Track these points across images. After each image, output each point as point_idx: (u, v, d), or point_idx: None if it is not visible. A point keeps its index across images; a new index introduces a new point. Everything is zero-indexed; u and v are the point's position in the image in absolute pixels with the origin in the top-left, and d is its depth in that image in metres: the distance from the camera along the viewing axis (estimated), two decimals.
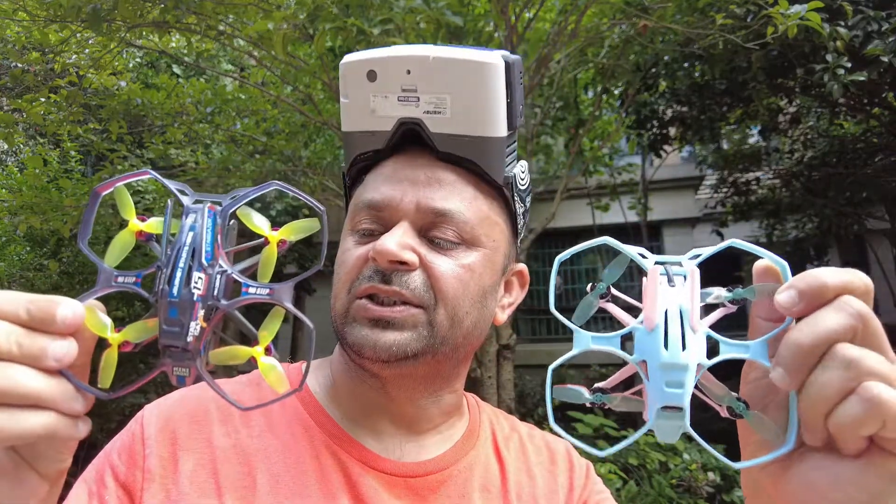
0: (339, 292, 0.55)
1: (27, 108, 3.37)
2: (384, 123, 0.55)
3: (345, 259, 0.55)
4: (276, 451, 0.53)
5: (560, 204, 4.65)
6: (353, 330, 0.52)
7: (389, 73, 0.53)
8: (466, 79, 0.52)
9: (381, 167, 0.57)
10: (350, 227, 0.57)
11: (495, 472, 0.61)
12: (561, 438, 0.70)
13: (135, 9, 2.68)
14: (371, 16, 2.48)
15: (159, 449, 0.52)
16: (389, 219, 0.54)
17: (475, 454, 0.61)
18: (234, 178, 4.58)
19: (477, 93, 0.52)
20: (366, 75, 0.53)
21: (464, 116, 0.53)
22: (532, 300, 9.92)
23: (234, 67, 5.68)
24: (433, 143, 0.54)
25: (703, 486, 3.13)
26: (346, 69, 0.55)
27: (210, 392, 0.56)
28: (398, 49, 0.53)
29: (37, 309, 0.35)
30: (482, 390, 3.45)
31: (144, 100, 3.87)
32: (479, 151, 0.54)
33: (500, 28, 3.43)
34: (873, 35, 3.29)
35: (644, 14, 3.50)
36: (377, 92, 0.54)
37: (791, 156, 6.70)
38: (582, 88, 6.14)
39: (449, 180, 0.55)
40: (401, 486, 0.55)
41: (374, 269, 0.52)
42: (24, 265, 5.84)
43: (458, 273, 0.53)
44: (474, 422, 0.65)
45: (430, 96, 0.53)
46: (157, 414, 0.55)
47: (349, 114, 0.56)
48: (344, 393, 0.59)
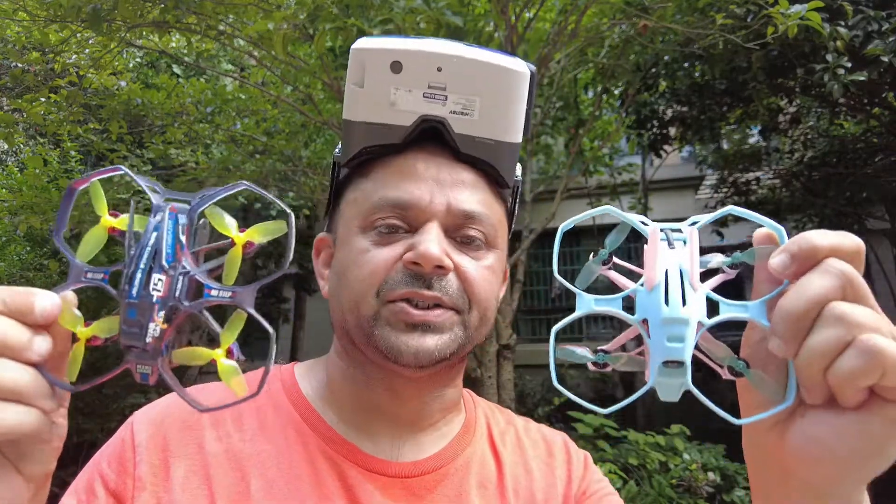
0: (363, 294, 0.51)
1: (27, 108, 3.37)
2: (403, 118, 0.52)
3: (365, 259, 0.52)
4: (269, 456, 0.52)
5: (560, 204, 4.65)
6: (388, 334, 0.50)
7: (418, 67, 0.51)
8: (498, 84, 0.52)
9: (393, 161, 0.55)
10: (362, 224, 0.54)
11: (492, 467, 0.61)
12: (558, 431, 0.71)
13: (135, 9, 2.68)
14: (371, 16, 2.48)
15: (150, 456, 0.51)
16: (415, 218, 0.52)
17: (471, 451, 0.61)
18: (235, 178, 4.59)
19: (506, 99, 0.52)
20: (389, 66, 0.51)
21: (490, 120, 0.53)
22: (532, 300, 9.92)
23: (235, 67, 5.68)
24: (455, 143, 0.53)
25: (703, 486, 3.13)
26: (366, 56, 0.51)
27: (203, 395, 0.55)
28: (428, 43, 0.51)
29: (13, 300, 0.34)
30: (482, 390, 3.45)
31: (144, 100, 3.87)
32: (497, 155, 0.55)
33: (500, 28, 3.43)
34: (873, 35, 3.29)
35: (644, 14, 3.50)
36: (400, 85, 0.51)
37: (791, 156, 6.70)
38: (582, 88, 6.14)
39: (470, 181, 0.55)
40: (397, 487, 0.54)
41: (412, 273, 0.50)
42: (24, 265, 5.84)
43: (485, 275, 0.54)
44: (470, 417, 0.65)
45: (458, 96, 0.52)
46: (147, 420, 0.54)
47: (361, 103, 0.53)
48: (342, 395, 0.58)
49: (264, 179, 4.76)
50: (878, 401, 0.33)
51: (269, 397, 0.57)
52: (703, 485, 3.13)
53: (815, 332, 0.33)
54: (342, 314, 0.54)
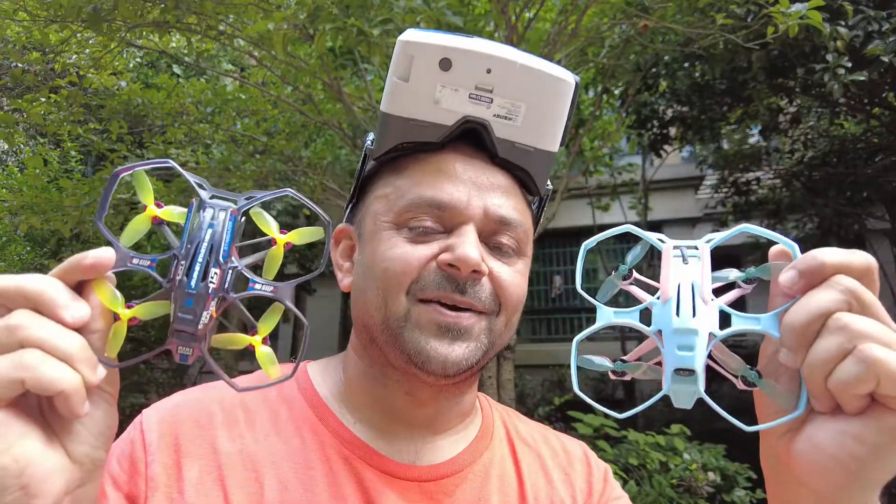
0: (393, 291, 0.50)
1: (27, 108, 3.37)
2: (446, 117, 0.51)
3: (397, 255, 0.51)
4: (283, 456, 0.51)
5: (560, 204, 4.65)
6: (418, 337, 0.49)
7: (468, 66, 0.50)
8: (545, 92, 0.52)
9: (430, 159, 0.54)
10: (395, 220, 0.52)
11: (511, 473, 0.60)
12: (577, 440, 0.70)
13: (135, 9, 2.68)
14: (371, 16, 2.48)
15: (162, 456, 0.50)
16: (451, 220, 0.51)
17: (490, 455, 0.60)
18: (235, 178, 4.58)
19: (550, 107, 0.52)
20: (438, 62, 0.49)
21: (532, 127, 0.52)
22: (532, 300, 9.92)
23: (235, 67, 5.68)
24: (495, 148, 0.53)
25: (703, 486, 3.13)
26: (416, 50, 0.49)
27: (211, 394, 0.55)
28: (479, 44, 0.50)
29: (65, 266, 0.37)
30: (482, 390, 3.45)
31: (145, 100, 3.87)
32: (533, 162, 0.54)
33: (500, 28, 3.43)
34: (874, 35, 3.29)
35: (644, 14, 3.50)
36: (447, 83, 0.50)
37: (791, 156, 6.69)
38: (582, 88, 6.14)
39: (506, 187, 0.54)
40: (415, 491, 0.53)
41: (447, 275, 0.49)
42: (24, 265, 5.84)
43: (517, 281, 0.54)
44: (487, 421, 0.64)
45: (504, 100, 0.51)
46: (158, 419, 0.53)
47: (404, 97, 0.51)
48: (359, 395, 0.57)
49: (264, 179, 4.76)
50: (877, 407, 0.34)
51: (282, 396, 0.56)
52: (703, 485, 3.13)
53: (818, 342, 0.35)
54: (367, 310, 0.53)
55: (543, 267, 10.05)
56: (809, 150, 6.27)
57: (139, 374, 6.30)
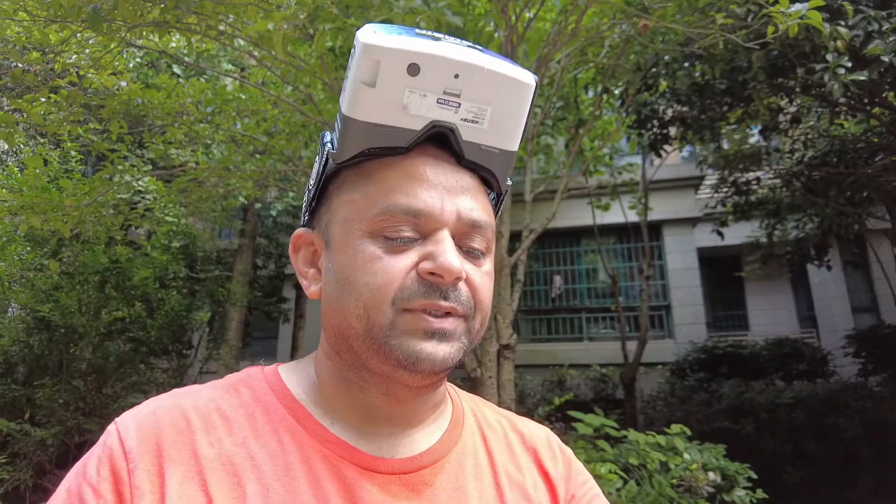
0: (377, 302, 0.50)
1: (27, 108, 3.37)
2: (413, 122, 0.51)
3: (379, 268, 0.51)
4: (263, 460, 0.51)
5: (560, 204, 4.65)
6: (406, 343, 0.50)
7: (435, 72, 0.50)
8: (509, 95, 0.52)
9: (398, 164, 0.53)
10: (368, 228, 0.52)
11: (485, 460, 0.61)
12: (541, 425, 0.72)
13: (135, 9, 2.68)
14: (371, 16, 2.48)
15: (144, 463, 0.49)
16: (425, 226, 0.52)
17: (463, 444, 0.61)
18: (235, 178, 4.58)
19: (514, 109, 0.53)
20: (406, 68, 0.49)
21: (497, 130, 0.53)
22: (532, 300, 9.91)
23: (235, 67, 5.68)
24: (462, 150, 0.53)
25: (704, 486, 3.13)
26: (383, 55, 0.49)
27: (186, 399, 0.54)
28: (448, 48, 0.50)
29: None
30: (482, 390, 3.45)
31: (145, 100, 3.87)
32: (497, 163, 0.55)
33: (500, 28, 3.43)
34: (874, 35, 3.29)
35: (644, 14, 3.50)
36: (415, 88, 0.50)
37: (791, 155, 6.69)
38: (582, 88, 6.14)
39: (472, 188, 0.55)
40: (396, 484, 0.54)
41: (428, 283, 0.50)
42: (24, 265, 5.84)
43: (486, 282, 0.55)
44: (458, 410, 0.65)
45: (471, 105, 0.52)
46: (135, 425, 0.52)
47: (369, 102, 0.50)
48: (335, 397, 0.57)
49: (264, 179, 4.76)
50: None
51: (256, 399, 0.56)
52: (703, 485, 3.12)
53: None
54: (344, 320, 0.53)
55: (543, 267, 10.04)
56: (809, 150, 6.27)
57: (139, 375, 6.30)
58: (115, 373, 5.95)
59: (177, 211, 5.97)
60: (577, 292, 9.83)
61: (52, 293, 5.68)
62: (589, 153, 6.35)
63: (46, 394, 5.39)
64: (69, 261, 5.92)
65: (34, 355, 5.87)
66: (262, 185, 4.98)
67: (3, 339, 5.85)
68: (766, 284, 10.89)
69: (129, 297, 6.16)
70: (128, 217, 4.45)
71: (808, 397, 6.21)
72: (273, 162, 4.55)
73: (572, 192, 7.24)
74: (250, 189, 4.93)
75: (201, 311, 7.14)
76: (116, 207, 4.31)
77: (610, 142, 6.05)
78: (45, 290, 5.73)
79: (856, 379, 7.33)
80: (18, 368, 6.05)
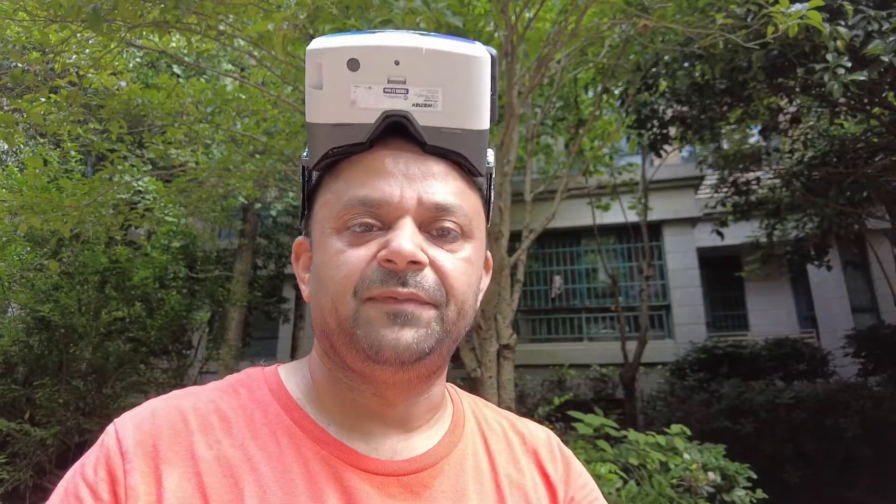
0: (340, 296, 0.51)
1: (27, 108, 3.37)
2: (366, 116, 0.52)
3: (342, 261, 0.52)
4: (261, 461, 0.51)
5: (560, 204, 4.65)
6: (369, 331, 0.50)
7: (374, 63, 0.50)
8: (458, 72, 0.51)
9: (361, 160, 0.54)
10: (335, 225, 0.53)
11: (485, 462, 0.61)
12: (543, 427, 0.71)
13: (135, 9, 2.68)
14: (371, 16, 2.48)
15: (140, 464, 0.49)
16: (387, 216, 0.52)
17: (463, 446, 0.61)
18: (235, 178, 4.58)
19: (468, 86, 0.52)
20: (346, 64, 0.50)
21: (454, 110, 0.52)
22: (532, 300, 9.91)
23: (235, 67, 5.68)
24: (422, 136, 0.53)
25: (704, 486, 3.13)
26: (320, 56, 0.50)
27: (184, 400, 0.54)
28: (383, 37, 0.50)
29: None
30: (482, 390, 3.45)
31: (145, 100, 3.87)
32: (465, 144, 0.54)
33: (500, 28, 3.43)
34: (873, 35, 3.29)
35: (644, 14, 3.50)
36: (359, 82, 0.50)
37: (791, 155, 6.70)
38: (582, 88, 6.14)
39: (441, 173, 0.54)
40: (394, 486, 0.53)
41: (386, 271, 0.50)
42: (24, 265, 5.84)
43: (462, 268, 0.54)
44: (458, 412, 0.65)
45: (420, 89, 0.51)
46: (133, 426, 0.52)
47: (322, 104, 0.52)
48: (328, 398, 0.57)
49: (264, 179, 4.76)
50: None
51: (255, 400, 0.56)
52: (703, 485, 3.13)
53: None
54: (322, 317, 0.53)
55: (543, 267, 10.04)
56: (809, 150, 6.27)
57: (139, 375, 6.30)
58: (115, 373, 5.95)
59: (177, 211, 5.97)
60: (577, 292, 9.83)
61: (52, 293, 5.68)
62: (589, 153, 6.35)
63: (46, 394, 5.39)
64: (69, 261, 5.92)
65: (34, 355, 5.87)
66: (261, 185, 4.98)
67: (3, 339, 5.85)
68: (765, 284, 10.89)
69: (129, 297, 6.16)
70: (128, 217, 4.45)
71: (808, 397, 6.21)
72: (273, 162, 4.55)
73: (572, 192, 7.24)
74: (250, 189, 4.93)
75: (201, 311, 7.14)
76: (116, 207, 4.31)
77: (610, 142, 6.05)
78: (44, 290, 5.73)
79: (855, 379, 7.33)
80: (18, 368, 6.06)
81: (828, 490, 5.67)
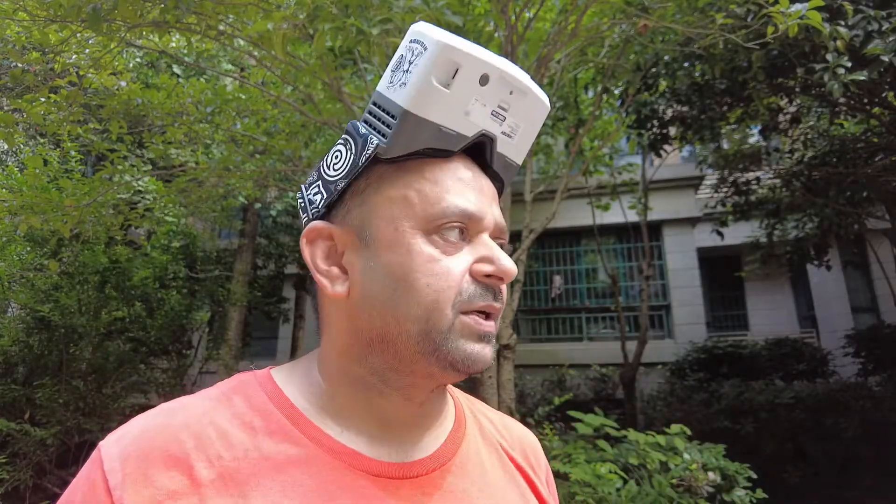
0: (440, 305, 0.50)
1: (27, 108, 3.37)
2: (468, 128, 0.54)
3: (440, 269, 0.51)
4: (268, 474, 0.49)
5: (560, 204, 4.65)
6: (462, 346, 0.51)
7: (499, 85, 0.54)
8: (538, 116, 0.59)
9: (447, 166, 0.54)
10: (424, 228, 0.52)
11: (486, 460, 0.62)
12: (528, 429, 0.73)
13: (135, 9, 2.68)
14: (370, 16, 2.48)
15: (131, 498, 0.45)
16: (472, 228, 0.54)
17: (467, 444, 0.61)
18: (235, 178, 4.58)
19: (535, 129, 0.59)
20: (479, 77, 0.53)
21: (521, 146, 0.59)
22: (532, 300, 9.91)
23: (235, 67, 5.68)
24: (492, 160, 0.57)
25: (703, 485, 3.13)
26: (461, 59, 0.51)
27: (176, 417, 0.51)
28: (510, 66, 0.55)
29: None
30: (482, 390, 3.45)
31: (145, 100, 3.87)
32: (509, 175, 0.60)
33: (500, 28, 3.43)
34: (873, 34, 3.29)
35: (644, 14, 3.50)
36: (480, 97, 0.53)
37: (791, 155, 6.70)
38: (582, 88, 6.15)
39: (495, 196, 0.59)
40: (407, 488, 0.53)
41: (485, 285, 0.53)
42: (24, 265, 5.84)
43: None
44: (459, 410, 0.65)
45: (512, 119, 0.57)
46: (120, 455, 0.47)
47: (440, 103, 0.51)
48: (350, 404, 0.55)
49: (264, 179, 4.76)
50: None
51: (254, 409, 0.53)
52: (703, 485, 3.13)
53: None
54: (396, 322, 0.51)
55: (543, 267, 10.04)
56: (809, 150, 6.27)
57: (139, 375, 6.30)
58: (115, 373, 5.95)
59: (177, 211, 5.97)
60: (577, 292, 9.83)
61: (51, 293, 5.68)
62: (589, 153, 6.36)
63: (46, 394, 5.39)
64: (69, 261, 5.92)
65: (34, 355, 5.87)
66: (262, 185, 4.98)
67: (3, 339, 5.85)
68: (765, 284, 10.90)
69: (129, 297, 6.16)
70: (128, 217, 4.45)
71: (808, 397, 6.21)
72: (273, 162, 4.55)
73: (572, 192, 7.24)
74: (250, 189, 4.93)
75: (201, 311, 7.14)
76: (116, 207, 4.31)
77: (610, 142, 6.06)
78: (44, 290, 5.73)
79: (855, 379, 7.33)
80: (18, 368, 6.06)
81: (828, 490, 5.67)
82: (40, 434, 5.20)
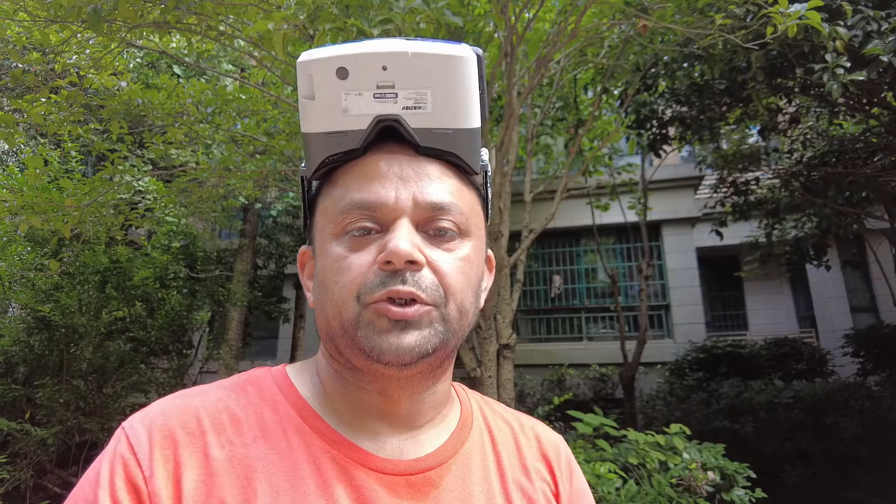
0: (344, 300, 0.52)
1: (28, 109, 3.37)
2: (359, 122, 0.53)
3: (344, 266, 0.52)
4: (272, 461, 0.51)
5: (560, 204, 4.66)
6: (371, 335, 0.51)
7: (363, 69, 0.52)
8: (444, 73, 0.52)
9: (356, 166, 0.55)
10: (334, 230, 0.54)
11: (492, 461, 0.61)
12: (550, 429, 0.71)
13: (135, 9, 2.68)
14: (371, 16, 2.48)
15: (159, 469, 0.48)
16: (384, 218, 0.53)
17: (470, 445, 0.61)
18: (235, 178, 4.59)
19: (455, 87, 0.53)
20: (335, 73, 0.51)
21: (444, 110, 0.53)
22: (532, 300, 9.92)
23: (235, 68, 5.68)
24: (414, 138, 0.54)
25: (703, 485, 3.13)
26: (310, 68, 0.52)
27: (194, 399, 0.54)
28: (370, 45, 0.52)
29: None
30: (482, 390, 3.45)
31: (145, 100, 3.87)
32: (457, 143, 0.55)
33: (500, 28, 3.44)
34: (873, 35, 3.29)
35: (644, 14, 3.50)
36: (349, 90, 0.52)
37: (790, 156, 6.70)
38: (582, 88, 6.15)
39: (435, 174, 0.55)
40: (402, 485, 0.54)
41: (387, 273, 0.51)
42: (24, 265, 5.84)
43: (459, 266, 0.54)
44: (466, 410, 0.65)
45: (409, 92, 0.53)
46: (145, 429, 0.51)
47: (315, 114, 0.53)
48: (336, 398, 0.58)
49: (264, 179, 4.77)
50: None
51: (264, 399, 0.56)
52: (702, 484, 3.13)
53: None
54: (327, 321, 0.54)
55: (543, 267, 10.05)
56: (808, 150, 6.28)
57: (140, 374, 6.30)
58: (116, 372, 5.95)
59: (177, 211, 5.97)
60: (577, 292, 9.83)
61: (52, 293, 5.68)
62: (588, 153, 6.36)
63: (47, 393, 5.39)
64: (69, 261, 5.92)
65: (34, 355, 5.87)
66: (262, 185, 4.99)
67: (3, 339, 5.85)
68: (764, 284, 10.90)
69: (130, 297, 6.16)
70: (128, 217, 4.45)
71: (807, 397, 6.21)
72: (273, 162, 4.55)
73: (572, 192, 7.24)
74: (250, 189, 4.93)
75: (201, 311, 7.14)
76: (116, 207, 4.32)
77: (609, 142, 6.06)
78: (45, 290, 5.73)
79: (854, 378, 7.34)
80: (19, 368, 6.06)
81: (827, 490, 5.68)
82: (41, 434, 5.19)
